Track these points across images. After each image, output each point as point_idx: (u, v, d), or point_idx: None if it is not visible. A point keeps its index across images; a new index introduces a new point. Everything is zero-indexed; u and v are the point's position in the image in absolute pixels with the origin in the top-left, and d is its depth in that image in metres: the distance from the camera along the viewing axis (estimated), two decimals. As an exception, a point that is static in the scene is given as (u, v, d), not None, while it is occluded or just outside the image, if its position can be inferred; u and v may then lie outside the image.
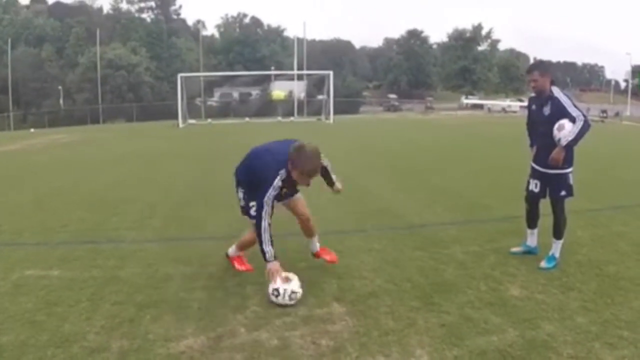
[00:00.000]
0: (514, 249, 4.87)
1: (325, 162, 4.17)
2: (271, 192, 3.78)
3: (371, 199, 7.51)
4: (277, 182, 3.80)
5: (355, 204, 7.16)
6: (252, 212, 4.00)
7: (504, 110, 55.00)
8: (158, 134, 25.59)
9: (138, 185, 9.40)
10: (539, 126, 4.56)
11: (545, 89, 4.47)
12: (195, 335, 3.28)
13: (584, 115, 4.30)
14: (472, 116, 45.63)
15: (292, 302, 3.70)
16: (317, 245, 4.54)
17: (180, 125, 32.63)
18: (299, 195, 4.33)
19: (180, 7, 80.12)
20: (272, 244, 3.84)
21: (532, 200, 4.72)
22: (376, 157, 13.55)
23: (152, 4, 76.03)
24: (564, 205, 4.52)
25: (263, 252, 3.84)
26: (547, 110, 4.45)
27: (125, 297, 3.91)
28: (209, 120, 38.55)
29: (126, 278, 4.34)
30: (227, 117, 43.28)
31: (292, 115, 41.65)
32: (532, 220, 4.78)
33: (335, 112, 36.23)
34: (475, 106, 61.49)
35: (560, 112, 4.33)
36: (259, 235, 3.83)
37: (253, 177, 3.97)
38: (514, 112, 49.94)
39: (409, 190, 8.25)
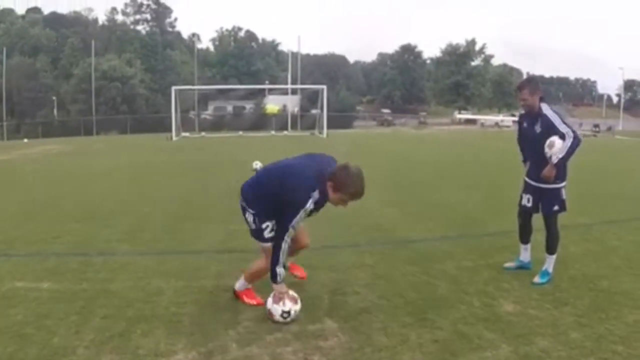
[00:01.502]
0: (507, 264, 4.87)
1: None
2: (301, 215, 3.55)
3: (363, 214, 7.48)
4: (310, 204, 3.56)
5: (348, 219, 7.12)
6: (267, 234, 3.72)
7: (497, 125, 55.56)
8: (151, 146, 25.52)
9: (130, 197, 9.35)
10: (531, 143, 4.60)
11: (535, 106, 4.50)
12: (186, 351, 3.24)
13: (574, 131, 4.33)
14: (466, 131, 45.97)
15: (288, 320, 3.64)
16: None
17: (174, 138, 32.54)
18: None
19: (176, 19, 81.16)
20: (284, 266, 3.68)
21: (524, 215, 4.74)
22: (368, 171, 13.54)
23: (148, 16, 76.65)
24: (556, 220, 4.53)
25: (275, 274, 3.63)
26: (537, 127, 4.49)
27: (116, 311, 3.86)
28: (203, 133, 38.49)
29: (117, 291, 4.29)
30: (221, 131, 43.24)
31: (286, 129, 41.82)
32: (525, 235, 4.79)
33: (329, 127, 36.28)
34: (469, 121, 62.11)
35: (550, 129, 4.37)
36: (277, 256, 3.60)
37: (274, 197, 3.63)
38: (507, 126, 50.43)
39: (402, 205, 8.25)
